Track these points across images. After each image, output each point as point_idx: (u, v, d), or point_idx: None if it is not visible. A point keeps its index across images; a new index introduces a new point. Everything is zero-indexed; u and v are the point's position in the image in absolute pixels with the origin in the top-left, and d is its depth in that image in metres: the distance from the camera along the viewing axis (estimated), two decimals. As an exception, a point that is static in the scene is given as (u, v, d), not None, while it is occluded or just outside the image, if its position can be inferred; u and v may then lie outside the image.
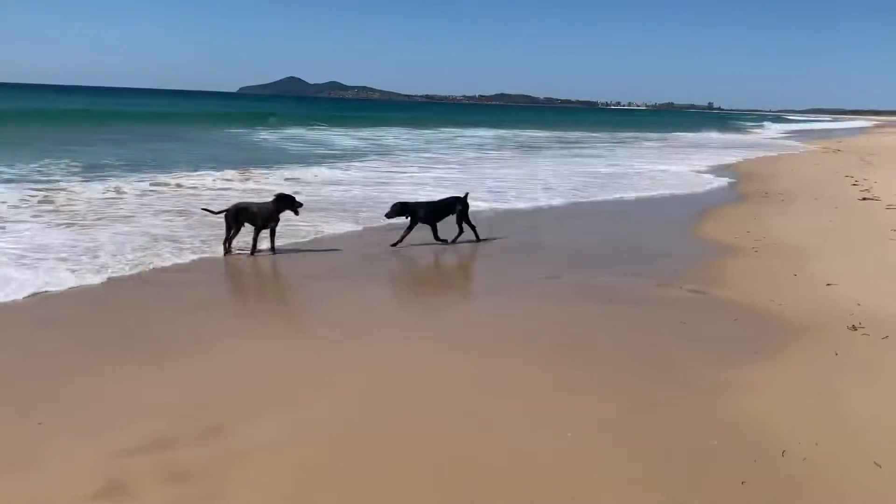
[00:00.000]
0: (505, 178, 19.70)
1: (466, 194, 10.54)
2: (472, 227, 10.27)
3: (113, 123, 37.01)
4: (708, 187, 18.49)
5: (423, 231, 10.01)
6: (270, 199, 9.38)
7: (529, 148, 35.27)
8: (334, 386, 5.12)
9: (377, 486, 3.83)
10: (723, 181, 19.78)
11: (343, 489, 3.80)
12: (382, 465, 4.04)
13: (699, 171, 22.82)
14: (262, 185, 15.86)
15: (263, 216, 9.15)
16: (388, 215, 9.92)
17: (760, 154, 32.32)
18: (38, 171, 16.69)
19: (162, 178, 15.95)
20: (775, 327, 6.51)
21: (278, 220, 9.25)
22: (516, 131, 53.06)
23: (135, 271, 7.97)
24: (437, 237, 10.02)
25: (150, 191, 14.08)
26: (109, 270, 7.84)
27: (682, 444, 4.30)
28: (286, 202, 9.27)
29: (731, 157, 29.25)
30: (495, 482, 3.89)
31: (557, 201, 15.13)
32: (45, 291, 7.03)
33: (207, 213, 9.72)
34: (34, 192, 12.94)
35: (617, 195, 16.46)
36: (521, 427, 4.53)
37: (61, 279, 7.40)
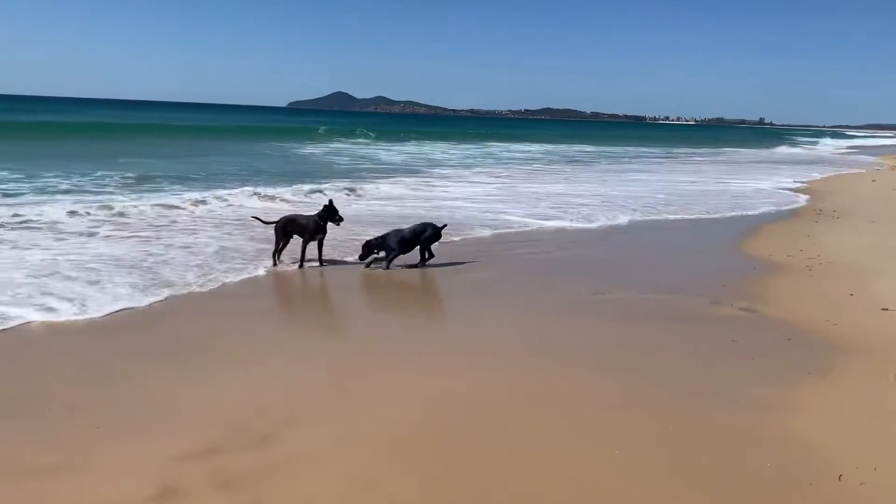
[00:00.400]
0: (568, 193, 19.61)
1: (444, 226, 9.96)
2: (428, 253, 9.71)
3: (167, 136, 38.21)
4: (795, 205, 18.00)
5: (453, 249, 9.99)
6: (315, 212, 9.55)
7: (585, 163, 35.15)
8: (378, 398, 5.16)
9: (417, 498, 3.86)
10: (802, 198, 19.38)
11: (384, 500, 3.83)
12: (423, 477, 4.06)
13: (784, 188, 22.30)
14: (313, 200, 16.16)
15: (310, 228, 9.30)
16: (361, 257, 9.45)
17: (830, 170, 31.78)
18: (94, 182, 17.36)
19: (213, 190, 16.35)
20: (829, 347, 6.34)
21: (325, 231, 9.39)
22: (564, 146, 52.85)
23: (194, 284, 8.15)
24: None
25: (202, 202, 14.39)
26: (169, 283, 8.04)
27: (732, 465, 4.22)
28: (330, 214, 9.42)
29: (807, 174, 28.79)
30: (539, 499, 3.87)
31: (626, 219, 14.81)
32: (119, 310, 7.11)
33: (257, 220, 9.93)
34: (93, 205, 13.38)
35: (700, 213, 16.08)
36: (564, 443, 4.50)
37: (122, 294, 7.55)
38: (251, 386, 5.36)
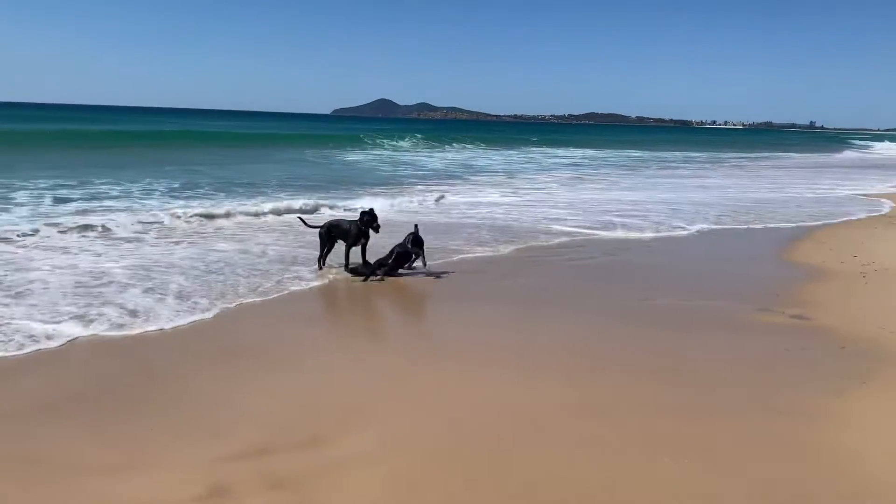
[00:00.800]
0: (638, 200, 19.38)
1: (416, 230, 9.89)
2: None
3: (214, 144, 38.81)
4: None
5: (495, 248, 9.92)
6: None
7: (635, 168, 34.80)
8: (427, 402, 5.20)
9: (462, 502, 3.87)
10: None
11: (430, 502, 3.87)
12: (469, 481, 4.08)
13: (869, 195, 21.66)
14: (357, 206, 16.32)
15: (353, 233, 9.41)
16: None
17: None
18: (143, 189, 17.79)
19: (258, 198, 16.70)
20: (885, 357, 6.16)
21: (368, 236, 9.47)
22: (610, 151, 52.34)
23: (249, 291, 8.29)
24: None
25: (249, 211, 14.57)
26: (223, 293, 8.15)
27: (782, 476, 4.14)
28: (370, 219, 9.49)
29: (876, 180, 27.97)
30: (587, 505, 3.87)
31: (700, 227, 14.39)
32: (185, 324, 7.10)
33: (303, 223, 10.12)
34: (144, 212, 13.84)
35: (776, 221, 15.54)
36: (612, 450, 4.46)
37: (181, 305, 7.61)
38: (302, 389, 5.46)
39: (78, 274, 8.61)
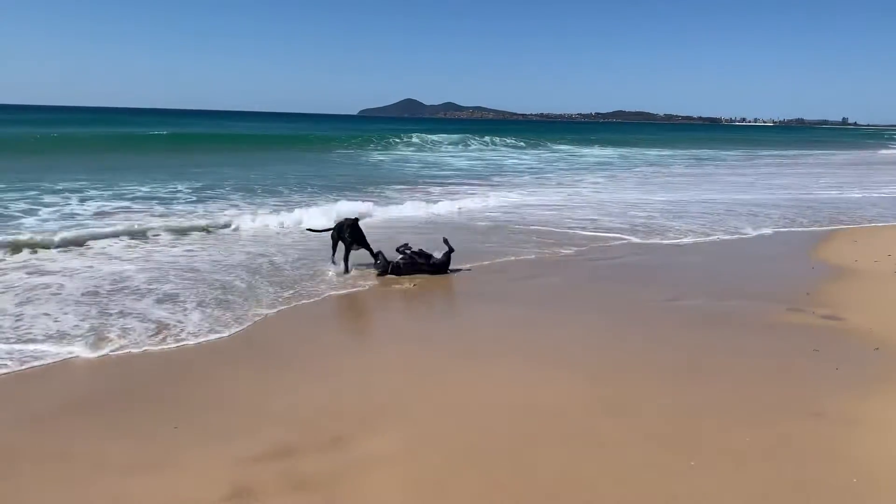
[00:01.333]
0: (682, 199, 19.09)
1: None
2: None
3: (241, 146, 39.22)
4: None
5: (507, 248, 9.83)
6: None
7: (667, 166, 34.39)
8: (450, 403, 5.18)
9: (491, 505, 3.86)
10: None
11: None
12: (494, 484, 4.05)
13: None
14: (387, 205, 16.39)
15: (355, 235, 9.44)
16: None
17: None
18: (169, 192, 17.84)
19: (281, 199, 16.93)
20: (923, 359, 6.02)
21: (348, 242, 9.36)
22: (640, 149, 51.85)
23: (276, 295, 8.36)
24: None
25: (278, 212, 14.63)
26: (246, 295, 8.27)
27: (814, 481, 4.05)
28: (343, 227, 9.53)
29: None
30: (612, 509, 3.81)
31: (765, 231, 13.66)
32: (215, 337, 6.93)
33: (311, 231, 10.18)
34: (174, 215, 14.03)
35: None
36: (639, 453, 4.40)
37: (212, 314, 7.65)
38: (326, 388, 5.47)
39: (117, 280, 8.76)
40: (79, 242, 10.66)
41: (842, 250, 11.16)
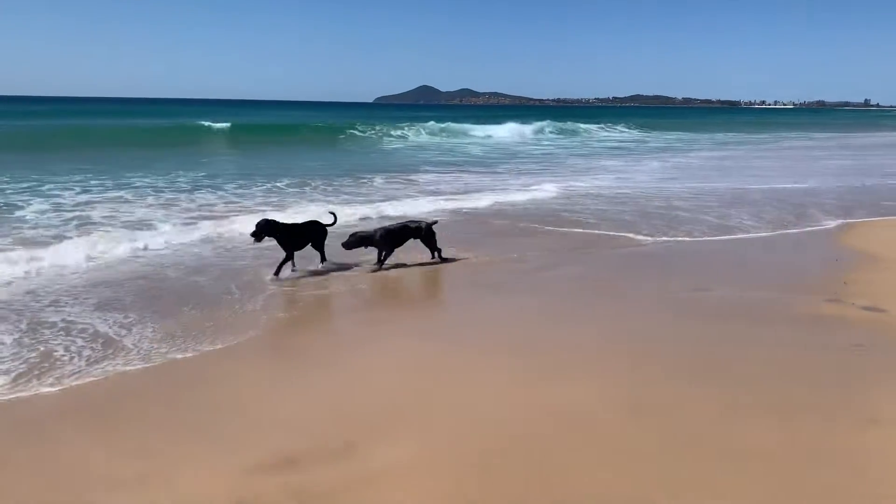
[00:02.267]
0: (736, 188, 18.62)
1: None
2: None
3: (252, 135, 38.89)
4: None
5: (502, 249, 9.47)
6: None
7: (688, 151, 33.75)
8: (467, 406, 4.87)
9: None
10: None
11: (476, 524, 3.54)
12: (516, 496, 3.74)
13: None
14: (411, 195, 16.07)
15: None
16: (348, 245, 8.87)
17: None
18: (169, 182, 17.63)
19: (299, 187, 16.67)
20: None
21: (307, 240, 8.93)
22: (657, 133, 50.94)
23: (280, 286, 8.15)
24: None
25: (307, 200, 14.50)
26: (252, 287, 8.06)
27: (853, 487, 3.71)
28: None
29: None
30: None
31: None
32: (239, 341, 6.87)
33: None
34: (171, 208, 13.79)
35: None
36: (668, 458, 4.07)
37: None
38: (336, 390, 5.18)
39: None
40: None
41: (881, 237, 10.71)
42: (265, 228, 8.37)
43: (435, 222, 9.47)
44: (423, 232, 9.21)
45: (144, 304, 7.19)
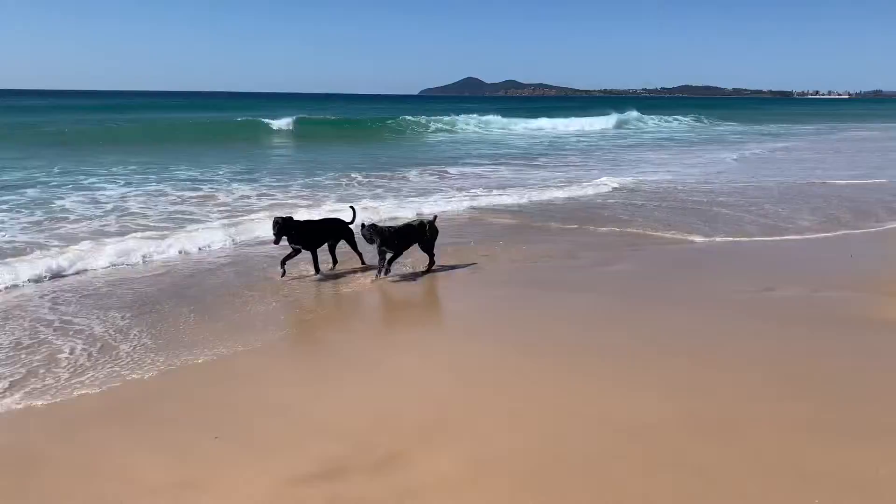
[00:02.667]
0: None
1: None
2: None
3: (302, 130, 38.67)
4: None
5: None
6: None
7: (740, 144, 32.69)
8: (517, 415, 4.58)
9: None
10: None
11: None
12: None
13: None
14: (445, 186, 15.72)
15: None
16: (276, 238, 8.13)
17: None
18: (213, 175, 17.67)
19: (335, 180, 16.52)
20: None
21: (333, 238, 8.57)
22: (708, 123, 49.54)
23: (319, 287, 7.94)
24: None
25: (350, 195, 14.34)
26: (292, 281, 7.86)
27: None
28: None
29: None
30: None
31: None
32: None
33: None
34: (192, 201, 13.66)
35: None
36: (740, 478, 3.71)
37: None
38: (380, 395, 4.93)
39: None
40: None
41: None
42: (282, 228, 7.96)
43: (435, 217, 8.81)
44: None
45: (175, 303, 7.00)
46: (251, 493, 3.69)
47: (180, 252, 9.14)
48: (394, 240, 7.93)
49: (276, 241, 7.96)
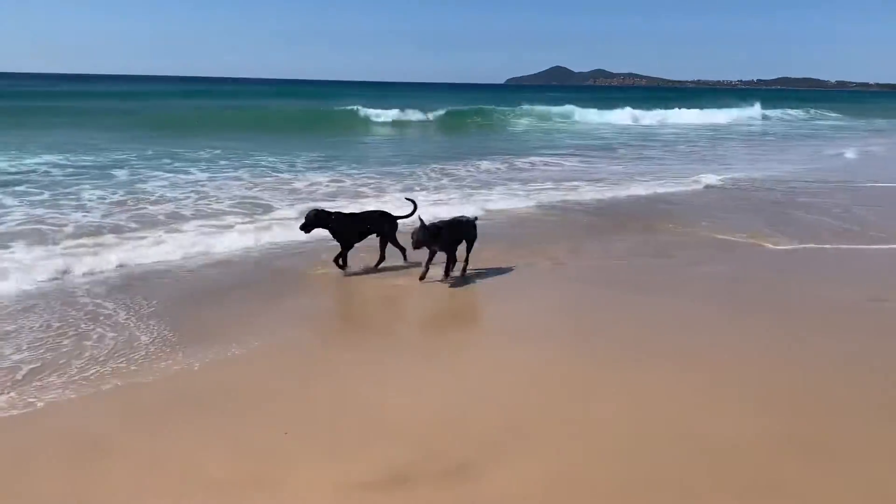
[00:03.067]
0: None
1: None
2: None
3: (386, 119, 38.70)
4: None
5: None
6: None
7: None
8: (597, 423, 4.28)
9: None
10: None
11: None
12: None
13: None
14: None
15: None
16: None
17: None
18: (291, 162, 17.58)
19: (409, 169, 16.24)
20: None
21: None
22: (812, 116, 46.77)
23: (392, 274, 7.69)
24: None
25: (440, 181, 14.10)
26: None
27: None
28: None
29: None
30: None
31: None
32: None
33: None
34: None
35: None
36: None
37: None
38: (451, 396, 4.69)
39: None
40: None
41: None
42: (314, 220, 7.54)
43: (476, 218, 8.12)
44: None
45: (241, 293, 6.89)
46: (311, 496, 3.54)
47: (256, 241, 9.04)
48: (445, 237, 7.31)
49: (307, 232, 7.58)
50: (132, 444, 4.06)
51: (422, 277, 7.24)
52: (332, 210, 7.88)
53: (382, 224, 7.89)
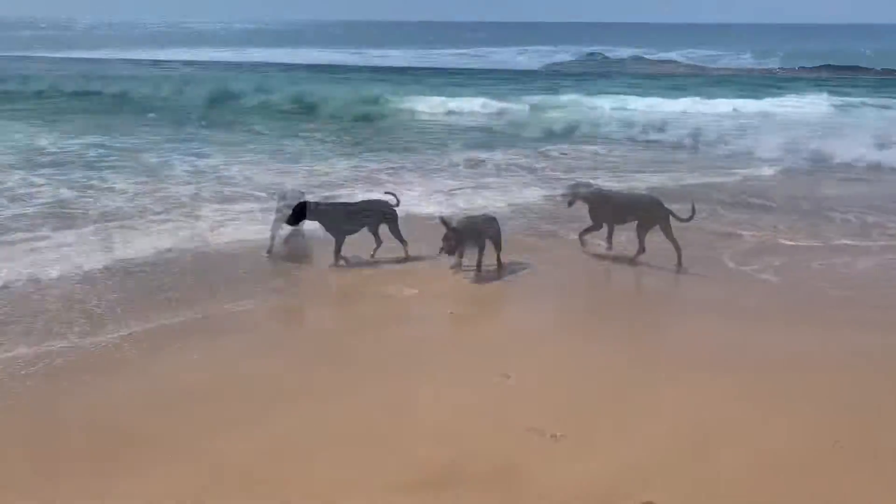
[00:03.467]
0: None
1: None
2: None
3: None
4: None
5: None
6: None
7: None
8: (642, 431, 4.42)
9: None
10: None
11: None
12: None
13: None
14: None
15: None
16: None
17: None
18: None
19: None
20: None
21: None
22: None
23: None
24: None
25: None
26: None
27: None
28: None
29: None
30: None
31: None
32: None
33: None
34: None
35: None
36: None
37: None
38: (495, 398, 4.84)
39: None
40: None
41: None
42: (299, 213, 7.51)
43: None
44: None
45: (279, 283, 7.27)
46: (354, 497, 3.76)
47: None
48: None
49: (292, 225, 7.73)
50: (158, 432, 4.37)
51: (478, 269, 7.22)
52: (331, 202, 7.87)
53: (385, 215, 7.91)
